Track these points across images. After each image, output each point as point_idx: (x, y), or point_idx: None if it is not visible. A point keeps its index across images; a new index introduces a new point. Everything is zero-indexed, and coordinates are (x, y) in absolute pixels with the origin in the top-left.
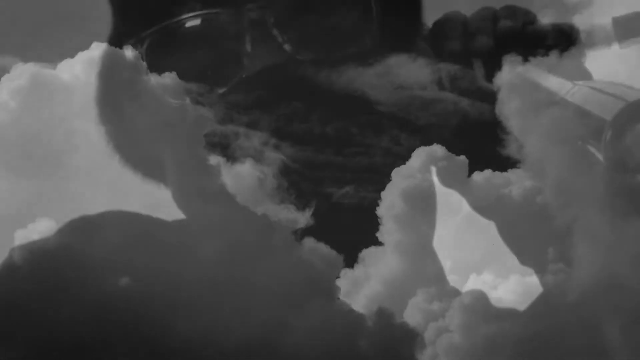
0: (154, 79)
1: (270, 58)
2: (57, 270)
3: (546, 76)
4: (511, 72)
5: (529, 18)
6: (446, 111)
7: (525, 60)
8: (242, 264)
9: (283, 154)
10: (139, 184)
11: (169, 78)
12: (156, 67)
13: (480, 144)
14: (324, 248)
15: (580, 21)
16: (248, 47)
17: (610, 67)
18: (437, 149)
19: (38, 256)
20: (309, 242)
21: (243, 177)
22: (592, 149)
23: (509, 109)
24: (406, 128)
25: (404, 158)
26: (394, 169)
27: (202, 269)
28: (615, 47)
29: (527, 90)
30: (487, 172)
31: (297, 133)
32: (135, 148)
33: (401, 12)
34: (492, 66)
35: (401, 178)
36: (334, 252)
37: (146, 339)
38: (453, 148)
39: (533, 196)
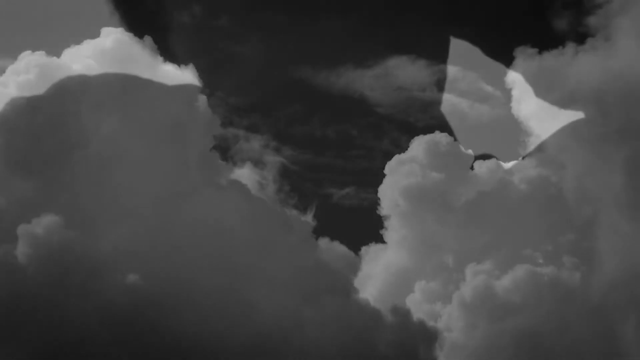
0: (172, 71)
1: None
2: (63, 269)
3: (545, 97)
4: (525, 66)
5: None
6: (446, 113)
7: (540, 53)
8: (259, 260)
9: (283, 156)
10: (148, 180)
11: (187, 71)
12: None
13: (484, 139)
14: (341, 247)
15: (596, 19)
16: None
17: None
18: (440, 137)
19: (43, 255)
20: (324, 242)
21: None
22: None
23: (527, 108)
24: (406, 130)
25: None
26: (395, 168)
27: (213, 265)
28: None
29: (544, 86)
30: (491, 162)
31: (298, 136)
32: (145, 145)
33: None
34: (505, 60)
35: (403, 176)
36: (352, 253)
37: (156, 336)
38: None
39: (539, 186)
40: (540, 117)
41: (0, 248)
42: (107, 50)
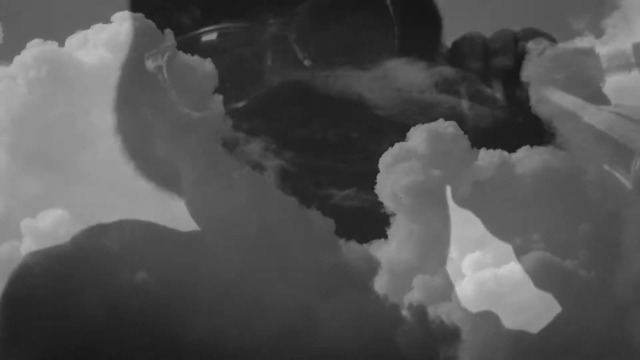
0: (187, 65)
1: (291, 73)
2: (69, 268)
3: (566, 96)
4: (539, 61)
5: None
6: (445, 115)
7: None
8: (273, 257)
9: (283, 159)
10: (156, 178)
11: (204, 67)
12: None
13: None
14: (360, 248)
15: (601, 48)
16: (269, 62)
17: (631, 91)
18: (444, 127)
19: (50, 253)
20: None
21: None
22: (618, 175)
23: (543, 105)
24: (405, 132)
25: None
26: (391, 162)
27: (223, 264)
28: (635, 72)
29: (559, 82)
30: (497, 152)
31: (298, 139)
32: (153, 143)
33: (421, 27)
34: (512, 86)
35: (401, 170)
36: (372, 254)
37: (166, 335)
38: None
39: (552, 179)
40: (557, 114)
41: (5, 245)
42: (123, 39)
